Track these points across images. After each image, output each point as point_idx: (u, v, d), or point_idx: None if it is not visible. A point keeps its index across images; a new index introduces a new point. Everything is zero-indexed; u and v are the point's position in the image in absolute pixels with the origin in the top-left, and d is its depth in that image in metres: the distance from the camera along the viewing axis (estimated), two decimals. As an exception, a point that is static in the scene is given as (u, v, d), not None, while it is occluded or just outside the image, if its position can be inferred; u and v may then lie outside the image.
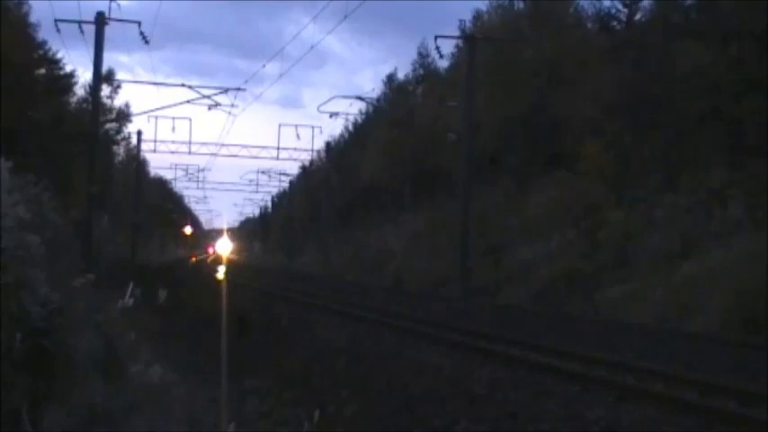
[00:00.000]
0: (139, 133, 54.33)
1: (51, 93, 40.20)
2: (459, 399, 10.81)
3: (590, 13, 40.34)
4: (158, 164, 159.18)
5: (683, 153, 29.40)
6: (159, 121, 58.45)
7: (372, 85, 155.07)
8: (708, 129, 28.57)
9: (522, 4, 44.89)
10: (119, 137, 61.43)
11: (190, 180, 78.24)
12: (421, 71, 58.97)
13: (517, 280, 32.16)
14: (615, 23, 36.72)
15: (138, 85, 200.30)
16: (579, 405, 10.59)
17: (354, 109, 71.68)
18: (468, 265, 33.20)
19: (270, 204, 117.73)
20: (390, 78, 63.78)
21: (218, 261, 66.81)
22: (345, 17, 27.60)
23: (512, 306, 27.88)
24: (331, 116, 47.30)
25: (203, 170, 77.73)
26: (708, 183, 27.01)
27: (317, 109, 74.01)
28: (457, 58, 46.69)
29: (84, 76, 51.07)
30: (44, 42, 40.27)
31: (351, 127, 72.77)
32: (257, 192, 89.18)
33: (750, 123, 26.63)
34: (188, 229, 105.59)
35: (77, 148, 37.67)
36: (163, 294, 23.51)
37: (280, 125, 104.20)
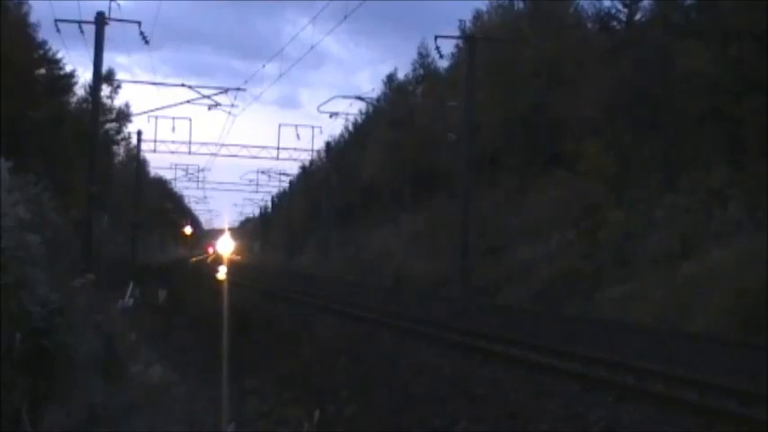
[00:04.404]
0: (139, 133, 54.32)
1: (51, 93, 40.21)
2: (459, 399, 10.81)
3: (590, 13, 40.40)
4: (158, 164, 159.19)
5: (683, 153, 29.39)
6: (159, 121, 58.51)
7: (370, 86, 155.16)
8: (708, 129, 28.56)
9: (522, 4, 44.91)
10: (119, 137, 61.56)
11: (190, 180, 78.25)
12: (421, 71, 58.97)
13: (517, 280, 32.15)
14: (615, 23, 36.74)
15: (138, 86, 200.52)
16: (579, 405, 10.58)
17: (354, 109, 71.73)
18: (469, 265, 33.19)
19: (270, 204, 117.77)
20: (390, 78, 63.80)
21: (218, 261, 66.88)
22: (345, 17, 27.52)
23: (512, 306, 27.87)
24: (331, 116, 47.32)
25: (203, 170, 77.77)
26: (708, 183, 27.00)
27: (318, 109, 74.10)
28: (457, 58, 46.66)
29: (84, 76, 51.07)
30: (44, 42, 40.34)
31: (351, 127, 72.84)
32: (257, 192, 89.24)
33: (750, 123, 26.62)
34: (188, 229, 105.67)
35: (77, 148, 37.68)
36: (163, 294, 23.53)
37: (280, 125, 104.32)
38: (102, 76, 31.58)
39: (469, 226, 33.50)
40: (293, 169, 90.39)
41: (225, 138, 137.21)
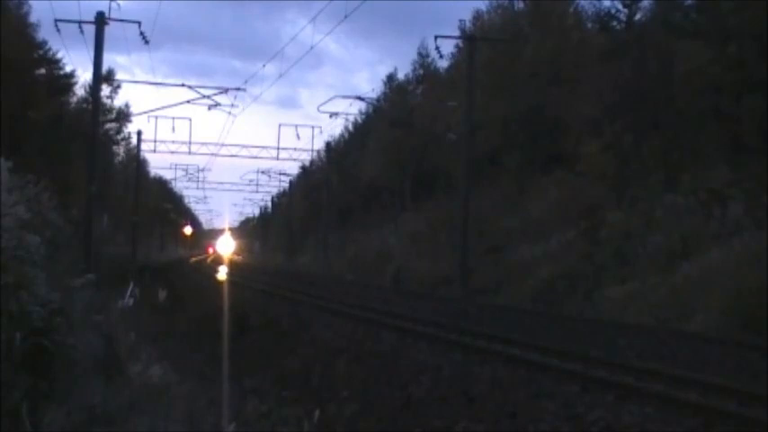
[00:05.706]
0: (139, 133, 54.38)
1: (51, 93, 40.22)
2: (459, 399, 10.80)
3: (590, 13, 40.39)
4: (158, 164, 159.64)
5: (683, 153, 29.39)
6: (159, 121, 58.63)
7: (369, 86, 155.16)
8: (708, 129, 28.55)
9: (522, 4, 44.91)
10: (119, 137, 61.63)
11: (190, 180, 78.36)
12: (421, 71, 58.98)
13: (517, 280, 32.13)
14: (615, 23, 36.69)
15: (138, 86, 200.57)
16: (579, 405, 10.58)
17: (354, 109, 71.81)
18: (469, 265, 33.20)
19: (270, 204, 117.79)
20: (390, 78, 63.81)
21: (218, 261, 66.88)
22: (346, 17, 27.52)
23: (512, 306, 27.86)
24: (331, 116, 47.36)
25: (203, 170, 77.89)
26: (708, 183, 27.00)
27: (318, 109, 74.15)
28: (457, 58, 46.67)
29: (84, 76, 51.16)
30: (44, 42, 40.39)
31: (351, 127, 72.86)
32: (257, 192, 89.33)
33: (750, 123, 26.61)
34: (188, 229, 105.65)
35: (77, 148, 37.69)
36: (163, 294, 23.52)
37: (280, 125, 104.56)
38: (102, 76, 31.58)
39: (469, 226, 33.55)
40: (293, 169, 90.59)
41: (225, 138, 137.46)
